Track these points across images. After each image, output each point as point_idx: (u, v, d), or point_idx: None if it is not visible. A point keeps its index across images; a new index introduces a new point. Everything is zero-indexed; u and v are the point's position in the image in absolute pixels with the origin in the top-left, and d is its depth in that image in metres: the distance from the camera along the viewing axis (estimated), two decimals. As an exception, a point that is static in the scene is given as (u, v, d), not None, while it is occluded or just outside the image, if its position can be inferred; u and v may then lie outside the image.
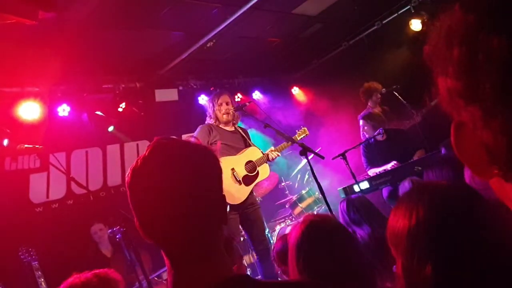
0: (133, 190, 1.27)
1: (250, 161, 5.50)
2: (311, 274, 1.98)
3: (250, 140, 5.80)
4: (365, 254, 2.22)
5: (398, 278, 1.33)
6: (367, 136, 6.43)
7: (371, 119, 6.39)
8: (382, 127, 6.27)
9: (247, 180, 5.40)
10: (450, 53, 0.66)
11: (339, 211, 3.90)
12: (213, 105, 5.68)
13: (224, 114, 5.57)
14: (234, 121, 5.71)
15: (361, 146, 6.50)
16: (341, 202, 3.89)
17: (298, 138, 6.00)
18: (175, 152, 1.28)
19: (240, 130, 5.76)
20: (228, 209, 4.89)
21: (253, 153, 5.57)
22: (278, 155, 5.72)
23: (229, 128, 5.65)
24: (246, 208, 5.33)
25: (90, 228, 6.10)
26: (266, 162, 5.61)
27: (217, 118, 5.63)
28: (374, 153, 6.40)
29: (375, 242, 3.32)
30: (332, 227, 2.19)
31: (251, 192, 5.48)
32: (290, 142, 5.41)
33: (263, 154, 5.60)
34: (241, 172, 5.35)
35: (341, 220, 3.85)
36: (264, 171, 5.60)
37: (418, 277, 1.25)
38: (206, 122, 5.74)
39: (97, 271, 2.13)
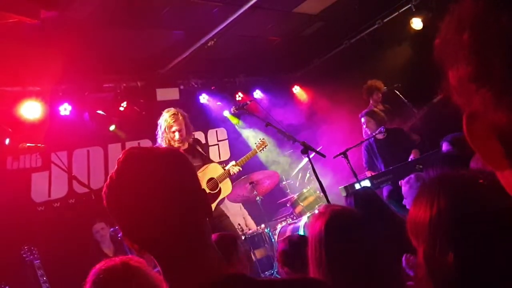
0: (112, 203, 1.27)
1: (211, 178, 5.36)
2: (334, 268, 1.94)
3: (207, 152, 5.66)
4: (388, 250, 2.17)
5: (419, 266, 1.33)
6: (369, 133, 6.43)
7: (374, 116, 6.41)
8: (383, 125, 6.29)
9: (210, 198, 5.24)
10: (460, 38, 0.67)
11: None
12: (164, 130, 5.21)
13: (176, 142, 5.20)
14: (188, 139, 5.37)
15: (362, 147, 6.53)
16: (347, 197, 3.85)
17: (258, 151, 5.98)
18: (145, 159, 1.29)
19: (196, 145, 5.51)
20: None
21: (214, 170, 5.43)
22: (239, 170, 5.58)
23: (183, 146, 5.30)
24: (213, 221, 5.19)
25: (92, 227, 6.11)
26: (228, 178, 5.48)
27: (168, 142, 5.19)
28: (374, 152, 6.44)
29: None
30: (356, 218, 2.14)
31: (216, 208, 5.35)
32: (252, 154, 5.56)
33: (225, 170, 5.47)
34: None
35: None
36: (226, 187, 5.46)
37: (441, 265, 1.25)
38: (157, 143, 5.28)
39: (123, 258, 2.10)
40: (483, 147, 0.69)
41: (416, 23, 7.74)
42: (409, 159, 5.92)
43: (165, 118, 5.21)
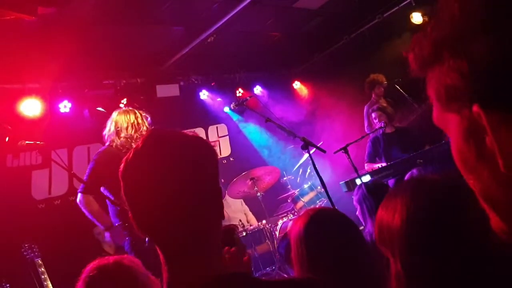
0: (126, 182, 1.24)
1: None
2: (313, 268, 1.95)
3: None
4: (370, 249, 2.19)
5: (397, 277, 1.32)
6: (377, 126, 6.37)
7: (386, 110, 6.38)
8: (393, 120, 6.32)
9: None
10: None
11: (354, 201, 3.86)
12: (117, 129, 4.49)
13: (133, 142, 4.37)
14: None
15: (369, 139, 6.50)
16: (358, 189, 3.83)
17: None
18: (169, 143, 1.26)
19: None
20: None
21: None
22: None
23: None
24: None
25: (94, 229, 6.09)
26: None
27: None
28: (381, 146, 6.39)
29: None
30: (335, 220, 2.15)
31: None
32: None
33: None
34: None
35: (358, 211, 3.81)
36: None
37: (421, 272, 1.25)
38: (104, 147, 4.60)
39: (116, 257, 2.10)
40: None
41: (416, 18, 7.71)
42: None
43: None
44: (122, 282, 1.97)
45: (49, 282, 5.12)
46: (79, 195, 4.34)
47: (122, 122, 4.50)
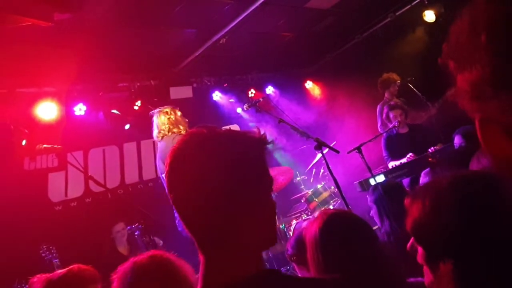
0: (170, 179, 1.27)
1: None
2: (329, 269, 1.96)
3: None
4: (386, 250, 2.18)
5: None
6: (391, 125, 6.31)
7: (405, 109, 6.34)
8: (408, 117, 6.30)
9: None
10: (477, 40, 0.66)
11: (369, 201, 3.86)
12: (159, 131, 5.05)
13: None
14: None
15: (383, 139, 6.45)
16: (373, 191, 3.82)
17: None
18: (209, 141, 1.27)
19: None
20: None
21: None
22: None
23: None
24: None
25: (113, 227, 6.16)
26: None
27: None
28: (395, 146, 6.34)
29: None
30: (351, 221, 2.15)
31: None
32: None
33: None
34: None
35: (373, 211, 3.81)
36: None
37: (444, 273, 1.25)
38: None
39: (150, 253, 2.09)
40: (499, 151, 0.69)
41: (429, 16, 7.66)
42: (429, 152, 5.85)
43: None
44: (160, 278, 1.96)
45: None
46: None
47: (160, 125, 5.01)
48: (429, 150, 5.88)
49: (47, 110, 6.11)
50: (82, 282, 2.53)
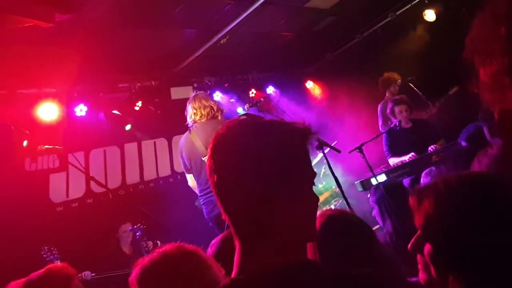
0: (214, 159, 1.27)
1: None
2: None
3: None
4: (386, 251, 2.18)
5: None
6: (395, 120, 6.27)
7: (411, 105, 6.29)
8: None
9: None
10: (496, 32, 0.65)
11: (371, 201, 3.86)
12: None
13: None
14: None
15: (384, 134, 6.42)
16: (374, 190, 3.81)
17: None
18: (259, 128, 1.28)
19: None
20: None
21: None
22: None
23: None
24: None
25: (120, 226, 6.17)
26: None
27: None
28: (397, 141, 6.29)
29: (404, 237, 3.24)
30: (348, 222, 2.15)
31: None
32: None
33: None
34: None
35: (375, 212, 3.80)
36: None
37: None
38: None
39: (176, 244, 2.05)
40: None
41: (429, 15, 7.66)
42: (429, 151, 5.83)
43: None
44: (186, 265, 1.93)
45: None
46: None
47: (190, 110, 5.11)
48: (430, 148, 5.86)
49: (47, 111, 6.10)
50: (63, 281, 2.53)
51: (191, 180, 5.05)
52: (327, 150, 4.77)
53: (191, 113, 5.09)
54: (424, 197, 1.34)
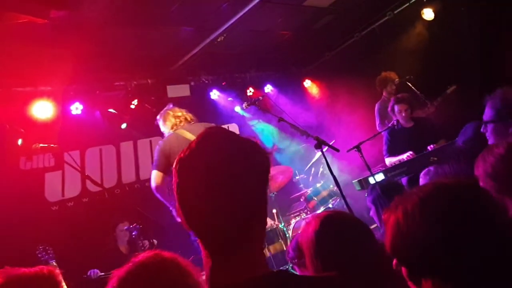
0: (180, 176, 1.25)
1: None
2: (327, 271, 1.95)
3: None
4: (384, 250, 2.17)
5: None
6: (395, 118, 6.20)
7: (409, 100, 6.22)
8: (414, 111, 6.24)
9: None
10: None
11: (368, 201, 3.84)
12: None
13: None
14: None
15: (385, 132, 6.36)
16: (370, 190, 3.79)
17: None
18: (225, 144, 1.28)
19: None
20: None
21: None
22: None
23: None
24: None
25: (118, 225, 6.14)
26: None
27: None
28: (399, 140, 6.23)
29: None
30: (346, 223, 2.15)
31: None
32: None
33: None
34: None
35: (372, 212, 3.79)
36: None
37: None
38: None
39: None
40: None
41: (428, 14, 7.65)
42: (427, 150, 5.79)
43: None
44: (164, 273, 1.89)
45: (63, 284, 5.13)
46: None
47: (172, 119, 5.28)
48: (428, 147, 5.83)
49: (43, 109, 6.05)
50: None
51: (161, 178, 4.96)
52: (325, 149, 4.74)
53: (174, 121, 5.18)
54: (387, 219, 1.37)
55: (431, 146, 5.82)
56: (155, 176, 4.93)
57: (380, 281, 1.94)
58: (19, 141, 5.90)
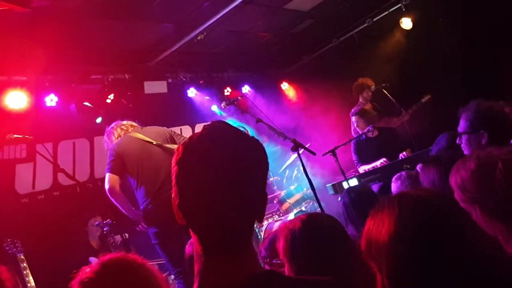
0: (181, 168, 1.22)
1: None
2: (303, 273, 1.97)
3: None
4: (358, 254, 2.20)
5: None
6: (360, 132, 6.43)
7: (364, 115, 6.41)
8: (374, 123, 6.30)
9: None
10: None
11: (342, 205, 3.87)
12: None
13: None
14: None
15: (352, 143, 6.50)
16: (344, 195, 3.83)
17: None
18: (229, 139, 1.25)
19: None
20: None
21: None
22: None
23: None
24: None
25: (90, 220, 6.08)
26: None
27: None
28: (365, 150, 6.40)
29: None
30: (323, 226, 2.17)
31: None
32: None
33: None
34: None
35: (344, 216, 3.82)
36: None
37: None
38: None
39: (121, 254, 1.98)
40: None
41: (406, 23, 7.78)
42: (400, 158, 5.91)
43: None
44: (129, 277, 1.87)
45: (31, 278, 5.06)
46: None
47: (118, 129, 5.41)
48: (401, 155, 5.95)
49: (16, 100, 5.90)
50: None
51: (116, 181, 4.93)
52: (301, 151, 4.78)
53: (120, 132, 5.32)
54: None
55: (404, 153, 5.94)
56: (109, 179, 4.92)
57: (359, 282, 1.98)
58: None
